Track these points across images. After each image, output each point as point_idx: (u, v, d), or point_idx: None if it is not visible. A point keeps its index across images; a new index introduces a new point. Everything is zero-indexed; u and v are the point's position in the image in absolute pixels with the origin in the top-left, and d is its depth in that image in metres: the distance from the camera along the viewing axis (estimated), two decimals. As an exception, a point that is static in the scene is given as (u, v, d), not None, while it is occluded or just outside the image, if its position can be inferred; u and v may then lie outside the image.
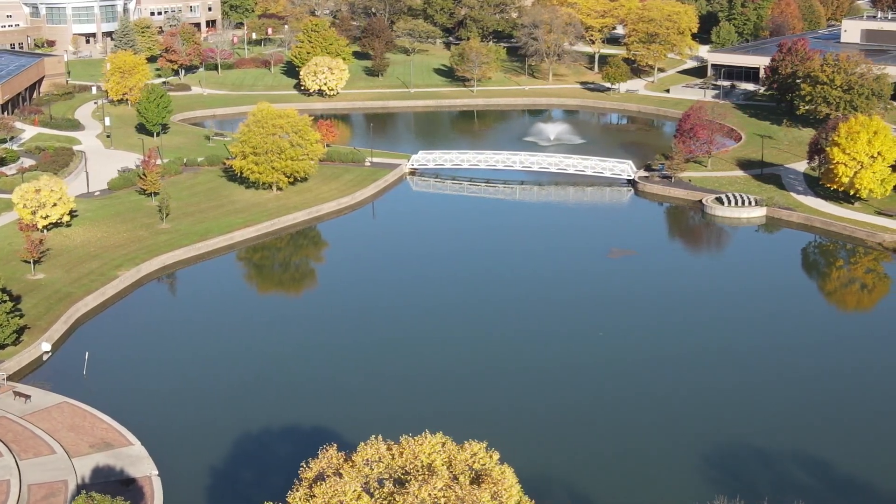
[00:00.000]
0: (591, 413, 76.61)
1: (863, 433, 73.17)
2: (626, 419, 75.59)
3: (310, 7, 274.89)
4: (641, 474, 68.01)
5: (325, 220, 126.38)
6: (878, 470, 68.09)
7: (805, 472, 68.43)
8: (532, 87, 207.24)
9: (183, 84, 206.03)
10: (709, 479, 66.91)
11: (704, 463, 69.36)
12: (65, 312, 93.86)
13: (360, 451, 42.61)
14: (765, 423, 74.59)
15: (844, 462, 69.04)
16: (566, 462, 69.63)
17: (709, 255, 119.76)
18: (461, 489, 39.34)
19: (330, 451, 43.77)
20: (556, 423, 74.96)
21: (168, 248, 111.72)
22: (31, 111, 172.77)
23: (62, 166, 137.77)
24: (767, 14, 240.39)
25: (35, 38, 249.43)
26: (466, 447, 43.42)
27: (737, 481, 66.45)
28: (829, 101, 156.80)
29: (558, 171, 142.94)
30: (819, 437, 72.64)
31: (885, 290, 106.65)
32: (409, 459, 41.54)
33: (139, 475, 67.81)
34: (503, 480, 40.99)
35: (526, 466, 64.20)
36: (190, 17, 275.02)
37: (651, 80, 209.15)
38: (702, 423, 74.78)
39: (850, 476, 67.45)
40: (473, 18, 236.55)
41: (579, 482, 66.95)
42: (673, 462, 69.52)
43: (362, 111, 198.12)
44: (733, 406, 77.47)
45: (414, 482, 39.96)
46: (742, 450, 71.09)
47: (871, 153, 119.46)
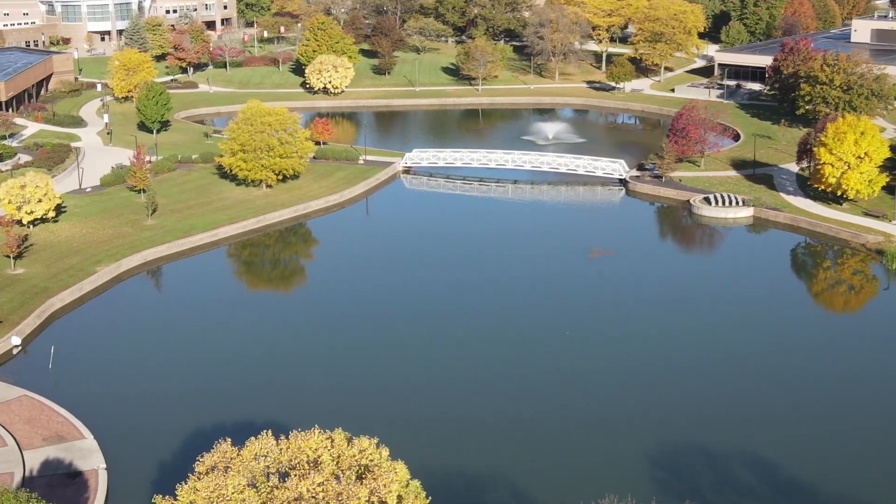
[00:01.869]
0: (549, 418, 76.43)
1: (846, 439, 72.34)
2: (577, 423, 75.38)
3: (325, 5, 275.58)
4: (590, 475, 67.88)
5: (312, 218, 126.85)
6: (866, 477, 67.48)
7: (755, 476, 68.15)
8: (538, 86, 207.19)
9: (191, 82, 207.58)
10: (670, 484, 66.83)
11: (674, 469, 69.18)
12: (38, 307, 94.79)
13: (248, 446, 43.02)
14: (714, 427, 74.23)
15: (820, 469, 68.46)
16: (512, 468, 69.66)
17: (690, 255, 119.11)
18: (339, 485, 39.62)
19: (223, 446, 44.20)
20: (506, 429, 74.95)
21: (150, 245, 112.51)
22: (36, 108, 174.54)
23: (57, 163, 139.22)
24: (780, 13, 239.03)
25: (50, 35, 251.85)
26: (355, 443, 43.72)
27: (686, 483, 66.40)
28: (828, 101, 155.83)
29: (550, 169, 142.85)
30: (784, 443, 71.97)
31: (865, 293, 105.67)
32: (295, 454, 41.90)
33: (86, 468, 68.44)
34: (384, 476, 41.17)
35: (492, 473, 64.93)
36: (205, 15, 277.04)
37: (658, 79, 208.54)
38: (672, 428, 74.38)
39: (824, 483, 67.09)
40: (484, 17, 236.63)
41: (520, 488, 66.99)
42: (633, 468, 69.17)
43: (366, 109, 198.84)
44: (690, 411, 77.16)
45: (293, 477, 40.30)
46: (691, 454, 70.88)
47: (858, 153, 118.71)
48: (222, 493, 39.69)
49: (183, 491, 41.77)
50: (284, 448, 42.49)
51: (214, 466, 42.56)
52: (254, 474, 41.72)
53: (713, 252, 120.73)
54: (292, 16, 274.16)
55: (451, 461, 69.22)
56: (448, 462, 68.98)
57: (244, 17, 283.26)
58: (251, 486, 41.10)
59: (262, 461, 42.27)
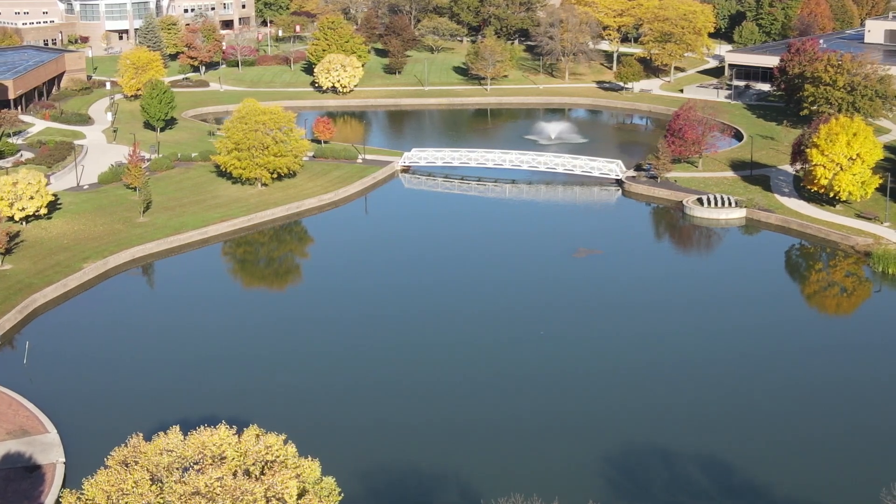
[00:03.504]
0: (519, 420, 76.57)
1: (833, 442, 72.17)
2: (547, 427, 75.46)
3: (343, 4, 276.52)
4: (550, 480, 68.00)
5: (305, 217, 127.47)
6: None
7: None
8: (547, 85, 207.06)
9: (202, 80, 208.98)
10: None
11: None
12: (21, 303, 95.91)
13: (154, 441, 43.53)
14: (683, 431, 74.13)
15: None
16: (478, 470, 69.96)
17: (678, 255, 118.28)
18: (235, 480, 40.03)
19: (134, 440, 44.75)
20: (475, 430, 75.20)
21: (139, 242, 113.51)
22: (45, 106, 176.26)
23: (58, 160, 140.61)
24: (796, 14, 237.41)
25: (69, 34, 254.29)
26: (261, 439, 44.13)
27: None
28: (832, 102, 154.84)
29: (547, 170, 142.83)
30: (764, 446, 71.83)
31: (849, 295, 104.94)
32: (199, 449, 42.36)
33: (45, 462, 69.30)
34: (281, 473, 41.52)
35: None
36: (223, 14, 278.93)
37: (668, 79, 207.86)
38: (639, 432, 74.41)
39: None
40: (498, 17, 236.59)
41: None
42: (598, 473, 69.21)
43: (374, 109, 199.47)
44: (653, 415, 77.08)
45: (192, 472, 40.78)
46: (649, 458, 70.84)
47: (850, 155, 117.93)
48: (122, 488, 40.25)
49: (88, 485, 42.36)
50: (189, 444, 43.00)
51: (125, 461, 43.14)
52: (158, 469, 42.22)
53: (701, 253, 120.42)
54: (309, 15, 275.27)
55: (414, 463, 69.60)
56: (414, 464, 69.39)
57: (262, 15, 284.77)
58: (155, 481, 41.62)
59: (167, 456, 42.77)
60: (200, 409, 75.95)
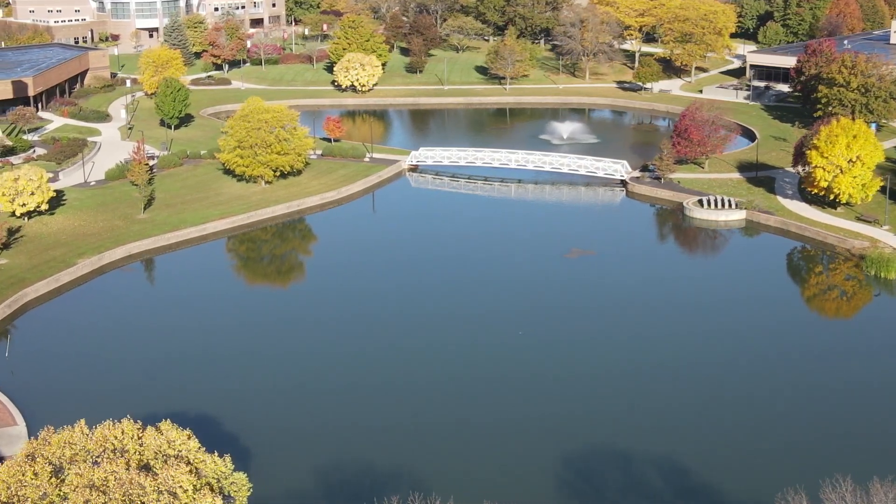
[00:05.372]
0: (488, 424, 76.83)
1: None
2: (524, 430, 75.67)
3: (374, 3, 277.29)
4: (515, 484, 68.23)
5: (306, 215, 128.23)
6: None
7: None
8: (567, 85, 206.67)
9: (224, 78, 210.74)
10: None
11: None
12: (11, 297, 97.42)
13: (58, 434, 44.27)
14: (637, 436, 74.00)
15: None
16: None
17: (672, 257, 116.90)
18: (128, 474, 40.66)
19: (44, 433, 45.55)
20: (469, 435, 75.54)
21: (137, 238, 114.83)
22: (65, 103, 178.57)
23: (69, 156, 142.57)
24: (824, 14, 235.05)
25: (99, 32, 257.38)
26: (163, 433, 44.74)
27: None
28: (845, 103, 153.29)
29: (552, 170, 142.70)
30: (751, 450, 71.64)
31: (844, 298, 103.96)
32: (100, 443, 43.06)
33: (8, 454, 70.42)
34: (173, 467, 42.07)
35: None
36: (254, 12, 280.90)
37: (689, 80, 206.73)
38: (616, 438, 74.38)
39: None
40: (523, 16, 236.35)
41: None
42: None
43: (393, 108, 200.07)
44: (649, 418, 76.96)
45: (85, 464, 41.46)
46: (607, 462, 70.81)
47: (850, 157, 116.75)
48: (21, 480, 41.04)
49: (-8, 476, 43.26)
50: (93, 437, 43.70)
51: (32, 453, 43.94)
52: (61, 461, 42.98)
53: (696, 255, 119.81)
54: (338, 14, 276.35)
55: (371, 462, 70.14)
56: (370, 463, 69.95)
57: (293, 14, 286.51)
58: (57, 473, 42.36)
59: (69, 449, 43.50)
60: (170, 406, 76.56)
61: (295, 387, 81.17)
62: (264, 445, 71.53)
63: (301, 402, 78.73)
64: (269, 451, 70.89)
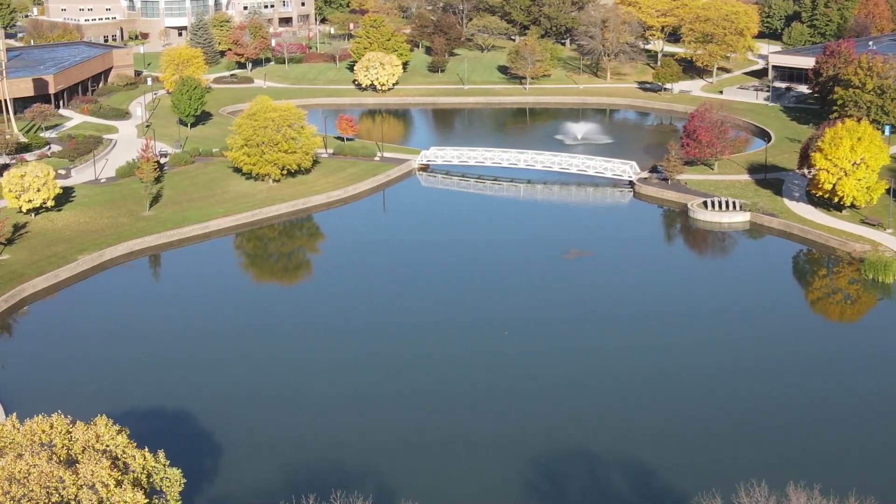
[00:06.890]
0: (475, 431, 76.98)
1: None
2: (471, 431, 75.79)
3: (403, 2, 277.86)
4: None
5: (311, 213, 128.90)
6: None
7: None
8: (587, 85, 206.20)
9: (247, 77, 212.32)
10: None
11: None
12: (8, 292, 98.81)
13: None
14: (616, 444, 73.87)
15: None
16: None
17: (670, 258, 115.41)
18: (49, 466, 41.34)
19: (-21, 427, 46.50)
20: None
21: (140, 235, 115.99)
22: (86, 101, 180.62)
23: (83, 154, 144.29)
24: (853, 14, 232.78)
25: (129, 30, 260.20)
26: (92, 427, 45.38)
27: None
28: (860, 105, 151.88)
29: (561, 170, 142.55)
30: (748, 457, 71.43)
31: (840, 304, 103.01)
32: (28, 436, 43.79)
33: (-15, 447, 71.60)
34: (93, 462, 42.66)
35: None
36: (283, 11, 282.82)
37: (711, 80, 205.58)
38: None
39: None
40: (548, 16, 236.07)
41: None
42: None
43: (412, 107, 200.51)
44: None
45: (9, 456, 42.22)
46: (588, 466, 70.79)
47: (854, 160, 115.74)
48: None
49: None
50: (23, 430, 44.46)
51: (-33, 447, 44.83)
52: (-10, 455, 43.81)
53: (696, 256, 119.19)
54: (365, 13, 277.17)
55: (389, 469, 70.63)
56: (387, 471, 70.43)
57: (322, 13, 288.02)
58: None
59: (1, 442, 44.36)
60: (153, 403, 78.09)
61: (281, 390, 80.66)
62: (236, 447, 72.04)
63: (282, 406, 78.41)
64: (240, 452, 71.44)
